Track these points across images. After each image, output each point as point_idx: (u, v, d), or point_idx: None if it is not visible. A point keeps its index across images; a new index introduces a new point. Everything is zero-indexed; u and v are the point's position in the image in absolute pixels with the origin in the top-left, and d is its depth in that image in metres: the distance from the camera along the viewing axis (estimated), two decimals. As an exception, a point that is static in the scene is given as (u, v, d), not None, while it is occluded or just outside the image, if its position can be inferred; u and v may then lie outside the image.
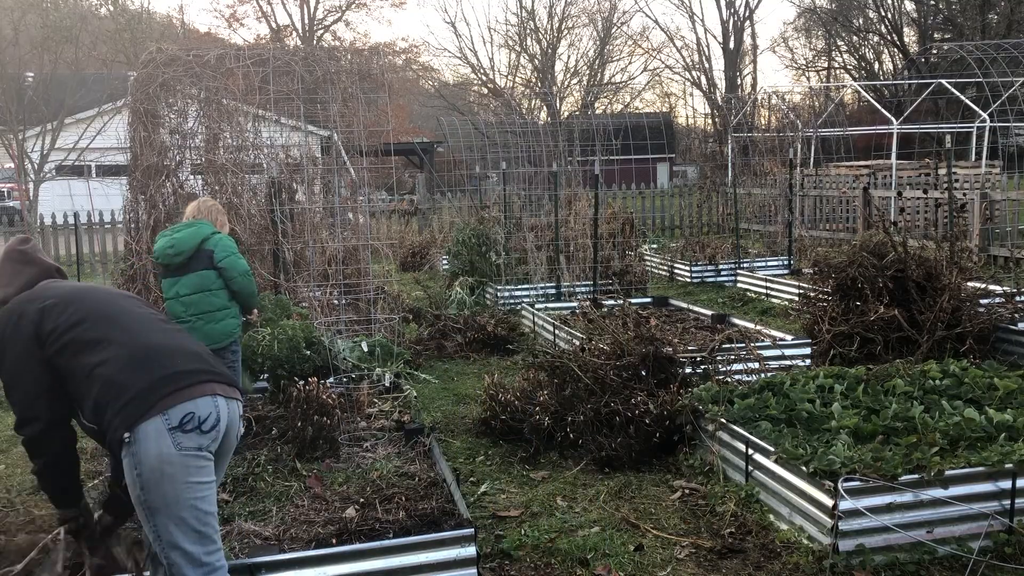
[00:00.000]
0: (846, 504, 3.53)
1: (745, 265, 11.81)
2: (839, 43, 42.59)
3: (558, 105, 36.45)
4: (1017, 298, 7.31)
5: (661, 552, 3.82)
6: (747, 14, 43.56)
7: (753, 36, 51.85)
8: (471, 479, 4.76)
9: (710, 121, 42.29)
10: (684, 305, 8.62)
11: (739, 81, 44.41)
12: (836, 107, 26.33)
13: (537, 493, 4.53)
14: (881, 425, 4.28)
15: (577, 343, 6.11)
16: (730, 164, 19.66)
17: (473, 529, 3.47)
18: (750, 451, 4.23)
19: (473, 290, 9.97)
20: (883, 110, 22.08)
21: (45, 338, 2.72)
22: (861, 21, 41.05)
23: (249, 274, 5.01)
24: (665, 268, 12.36)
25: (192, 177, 6.86)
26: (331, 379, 5.94)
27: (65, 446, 2.87)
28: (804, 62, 45.89)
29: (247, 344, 5.86)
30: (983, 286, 7.49)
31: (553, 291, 9.96)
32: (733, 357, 5.69)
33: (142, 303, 3.07)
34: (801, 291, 8.07)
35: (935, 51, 33.27)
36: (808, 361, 6.43)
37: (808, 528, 3.75)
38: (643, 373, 5.16)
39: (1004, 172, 18.15)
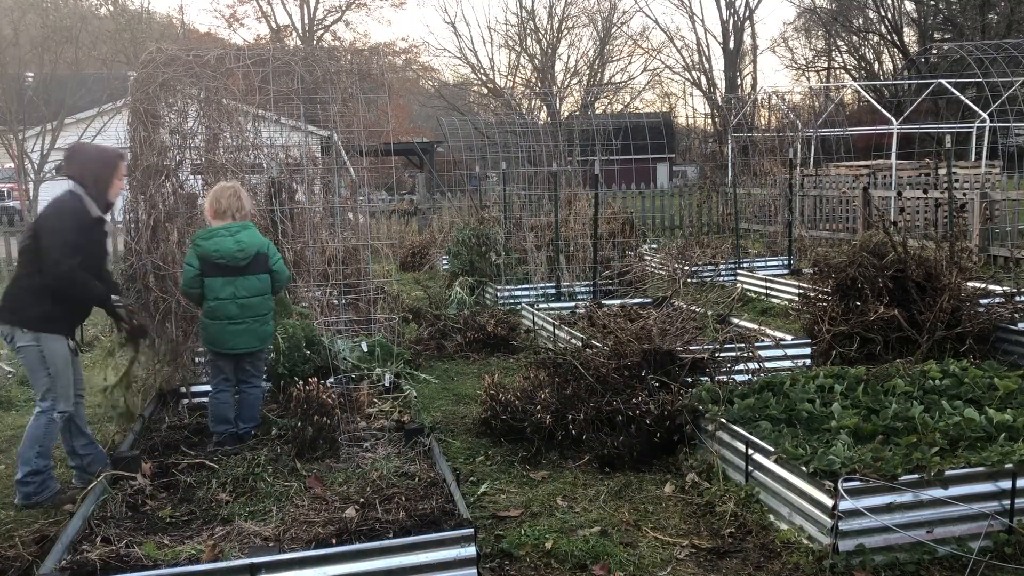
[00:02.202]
0: (846, 504, 3.53)
1: (745, 265, 11.81)
2: (839, 43, 42.63)
3: (558, 105, 36.46)
4: (1017, 298, 7.31)
5: (661, 552, 3.82)
6: (747, 14, 43.65)
7: (753, 36, 51.88)
8: (471, 479, 4.76)
9: (710, 121, 42.33)
10: (684, 305, 8.61)
11: (739, 81, 44.47)
12: (836, 107, 26.34)
13: (537, 493, 4.53)
14: (881, 425, 4.28)
15: (575, 342, 6.12)
16: (730, 164, 19.67)
17: (473, 529, 3.47)
18: (750, 451, 4.23)
19: (473, 290, 9.97)
20: (883, 110, 22.08)
21: None
22: (861, 21, 41.08)
23: (290, 279, 5.50)
24: (665, 268, 12.35)
25: (192, 177, 6.85)
26: (331, 379, 5.94)
27: None
28: (804, 62, 45.95)
29: None
30: (983, 286, 7.49)
31: (553, 291, 9.96)
32: (733, 357, 5.69)
33: None
34: (801, 291, 8.07)
35: (935, 51, 33.29)
36: (808, 361, 6.43)
37: (808, 528, 3.75)
38: (644, 373, 5.16)
39: (1004, 172, 18.16)
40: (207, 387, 5.87)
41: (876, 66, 41.85)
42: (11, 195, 25.61)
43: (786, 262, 11.85)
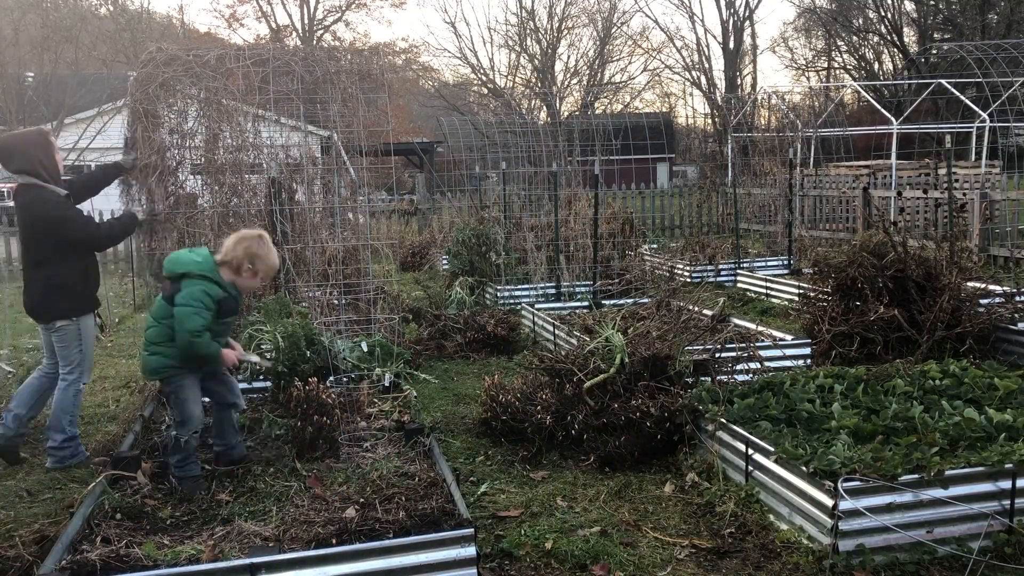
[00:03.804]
0: (846, 504, 3.53)
1: (745, 265, 11.81)
2: (839, 43, 42.65)
3: (558, 105, 36.48)
4: (1017, 298, 7.31)
5: (661, 552, 3.82)
6: (747, 14, 43.68)
7: (753, 36, 51.89)
8: (471, 479, 4.76)
9: (710, 121, 42.38)
10: (683, 305, 8.61)
11: (739, 81, 44.50)
12: (836, 107, 26.34)
13: (537, 493, 4.53)
14: (881, 425, 4.28)
15: (575, 341, 6.11)
16: (730, 164, 19.68)
17: (473, 529, 3.47)
18: (750, 451, 4.23)
19: (473, 290, 9.97)
20: (883, 110, 22.09)
21: None
22: (861, 21, 41.11)
23: (197, 333, 4.27)
24: (665, 268, 12.37)
25: (192, 177, 6.85)
26: (331, 379, 5.94)
27: None
28: (804, 62, 45.99)
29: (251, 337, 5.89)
30: (983, 286, 7.49)
31: (553, 291, 9.96)
32: (733, 357, 5.69)
33: None
34: (801, 291, 8.07)
35: (935, 51, 33.30)
36: (808, 361, 6.43)
37: (808, 528, 3.75)
38: (644, 375, 5.16)
39: (1004, 172, 18.16)
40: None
41: (876, 66, 41.87)
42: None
43: (786, 262, 11.85)
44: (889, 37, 39.69)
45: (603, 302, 8.88)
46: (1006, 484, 3.70)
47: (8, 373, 7.38)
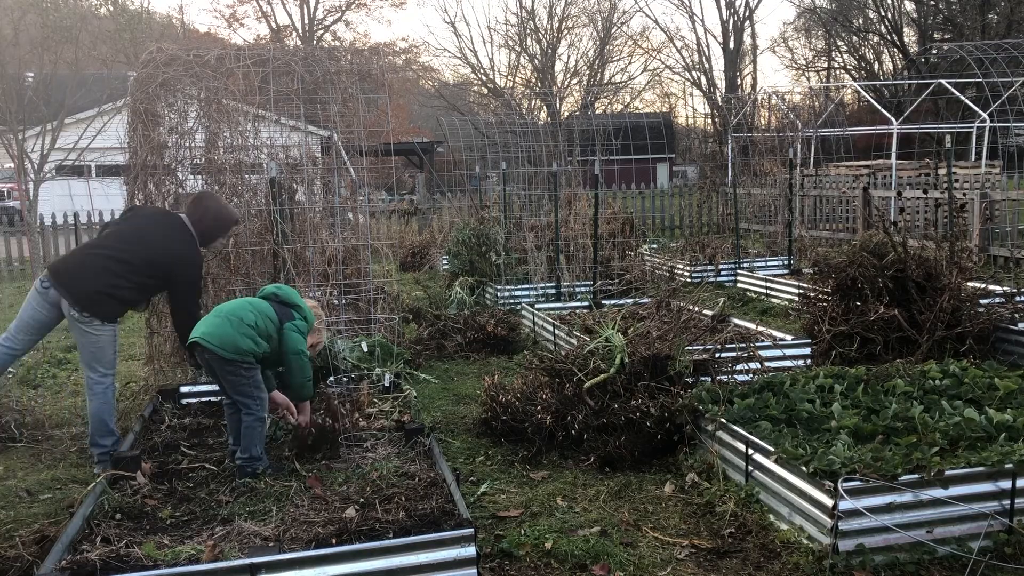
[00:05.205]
0: (846, 504, 3.53)
1: (745, 265, 11.81)
2: (839, 43, 42.63)
3: (558, 105, 36.48)
4: (1017, 298, 7.31)
5: (661, 552, 3.82)
6: (747, 14, 43.64)
7: (753, 36, 51.89)
8: (471, 479, 4.76)
9: (710, 121, 42.37)
10: (683, 305, 8.60)
11: (739, 81, 44.46)
12: (836, 107, 26.33)
13: (537, 493, 4.53)
14: (881, 425, 4.28)
15: (575, 341, 6.11)
16: (730, 164, 19.69)
17: (473, 529, 3.47)
18: (750, 451, 4.23)
19: (473, 290, 9.97)
20: (883, 110, 22.09)
21: None
22: (861, 21, 41.09)
23: (304, 354, 4.76)
24: (665, 268, 12.37)
25: (192, 177, 6.85)
26: (331, 379, 5.94)
27: None
28: (804, 62, 45.97)
29: None
30: (983, 286, 7.49)
31: (553, 291, 9.96)
32: (733, 357, 5.69)
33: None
34: (801, 291, 8.07)
35: (935, 51, 33.30)
36: (808, 361, 6.42)
37: (808, 528, 3.75)
38: (644, 375, 5.16)
39: (1004, 172, 18.16)
40: (207, 387, 5.88)
41: (876, 66, 41.86)
42: (11, 195, 25.58)
43: (786, 262, 11.85)
44: (889, 37, 39.68)
45: (603, 302, 8.88)
46: (1006, 484, 3.70)
47: (8, 372, 7.38)
